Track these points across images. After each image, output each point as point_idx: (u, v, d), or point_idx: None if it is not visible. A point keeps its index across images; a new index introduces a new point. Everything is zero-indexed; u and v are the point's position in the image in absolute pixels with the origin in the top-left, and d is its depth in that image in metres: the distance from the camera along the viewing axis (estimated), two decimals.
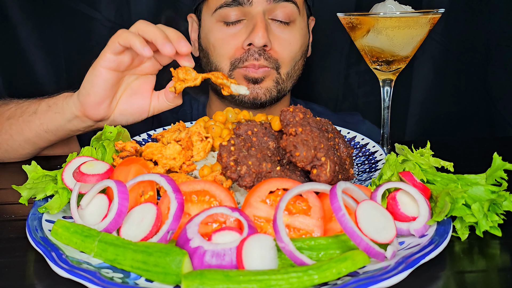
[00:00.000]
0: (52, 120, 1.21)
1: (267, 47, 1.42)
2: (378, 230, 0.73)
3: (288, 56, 1.48)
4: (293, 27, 1.48)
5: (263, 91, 1.47)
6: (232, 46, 1.45)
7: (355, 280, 0.66)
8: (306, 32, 1.57)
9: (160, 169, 0.97)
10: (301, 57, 1.54)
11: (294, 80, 1.55)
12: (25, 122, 1.23)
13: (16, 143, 1.26)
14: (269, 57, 1.44)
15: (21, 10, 1.88)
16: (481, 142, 1.50)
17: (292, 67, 1.51)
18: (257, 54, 1.42)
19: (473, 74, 2.01)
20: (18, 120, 1.25)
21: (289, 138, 0.89)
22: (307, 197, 0.80)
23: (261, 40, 1.38)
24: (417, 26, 1.09)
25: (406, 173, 0.87)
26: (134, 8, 1.94)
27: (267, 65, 1.44)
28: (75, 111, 1.18)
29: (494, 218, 0.80)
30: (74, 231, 0.78)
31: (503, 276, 0.73)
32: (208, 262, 0.70)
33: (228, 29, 1.46)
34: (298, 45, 1.50)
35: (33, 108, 1.24)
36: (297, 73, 1.56)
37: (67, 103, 1.19)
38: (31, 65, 1.94)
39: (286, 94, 1.57)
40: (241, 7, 1.42)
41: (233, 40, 1.45)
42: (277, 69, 1.47)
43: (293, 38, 1.48)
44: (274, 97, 1.50)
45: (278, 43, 1.45)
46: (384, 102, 1.20)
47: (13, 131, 1.25)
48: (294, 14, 1.47)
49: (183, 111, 1.73)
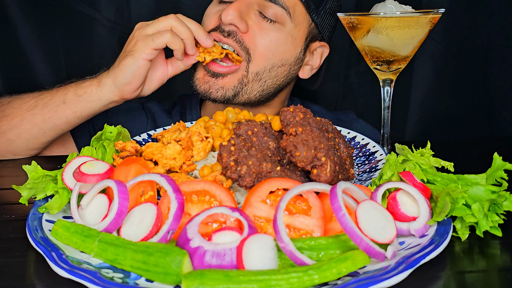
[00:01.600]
0: (87, 108, 1.28)
1: (239, 29, 1.35)
2: (378, 230, 0.73)
3: (262, 51, 1.38)
4: (279, 28, 1.40)
5: (217, 87, 1.38)
6: (212, 22, 1.40)
7: (355, 280, 0.66)
8: (298, 45, 1.45)
9: (160, 169, 0.97)
10: (282, 65, 1.43)
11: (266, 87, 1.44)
12: (52, 112, 1.29)
13: (41, 131, 1.32)
14: (241, 42, 1.36)
15: (21, 10, 1.88)
16: (481, 142, 1.50)
17: (266, 69, 1.40)
18: (226, 32, 1.35)
19: (473, 74, 2.01)
20: (43, 110, 1.30)
21: (289, 138, 0.89)
22: (307, 197, 0.80)
23: (228, 16, 1.32)
24: (417, 26, 1.09)
25: (406, 173, 0.87)
26: (134, 8, 1.94)
27: (237, 49, 1.35)
28: (112, 97, 1.27)
29: (495, 218, 0.80)
30: (74, 231, 0.78)
31: (503, 276, 0.73)
32: (208, 262, 0.70)
33: (218, 6, 1.43)
34: (279, 47, 1.40)
35: (59, 98, 1.29)
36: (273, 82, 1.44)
37: (101, 91, 1.26)
38: (31, 65, 1.94)
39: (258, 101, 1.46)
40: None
41: (215, 16, 1.41)
42: (248, 63, 1.37)
43: (276, 37, 1.39)
44: (229, 97, 1.39)
45: (259, 31, 1.37)
46: (384, 102, 1.20)
47: (37, 120, 1.30)
48: (283, 17, 1.39)
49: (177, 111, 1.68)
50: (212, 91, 1.38)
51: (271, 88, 1.46)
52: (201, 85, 1.40)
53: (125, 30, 1.94)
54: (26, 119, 1.31)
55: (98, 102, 1.27)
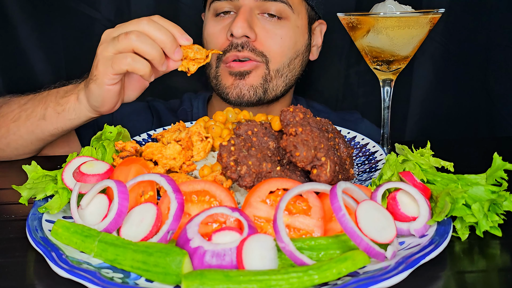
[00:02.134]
0: (67, 124, 1.23)
1: (250, 38, 1.38)
2: (378, 230, 0.73)
3: (277, 50, 1.42)
4: (285, 22, 1.44)
5: (247, 87, 1.42)
6: (220, 40, 1.43)
7: (355, 280, 0.66)
8: (304, 32, 1.52)
9: (160, 169, 0.97)
10: (296, 56, 1.49)
11: (288, 81, 1.50)
12: (34, 126, 1.25)
13: (27, 141, 1.28)
14: (254, 49, 1.39)
15: (21, 10, 1.88)
16: (481, 142, 1.50)
17: (284, 64, 1.45)
18: (240, 46, 1.38)
19: (473, 74, 2.01)
20: (26, 123, 1.26)
21: (289, 138, 0.89)
22: (307, 197, 0.80)
23: (239, 29, 1.35)
24: (417, 26, 1.09)
25: (406, 173, 0.87)
26: (134, 8, 1.94)
27: (254, 57, 1.39)
28: (90, 114, 1.20)
29: (494, 218, 0.80)
30: (74, 231, 0.78)
31: (503, 276, 0.73)
32: (208, 262, 0.70)
33: (219, 22, 1.45)
34: (291, 41, 1.45)
35: (39, 112, 1.24)
36: (293, 74, 1.50)
37: (79, 110, 1.19)
38: (31, 65, 1.94)
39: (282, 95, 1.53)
40: (231, 1, 1.42)
41: (221, 34, 1.43)
42: (267, 63, 1.42)
43: (284, 32, 1.43)
44: (261, 96, 1.44)
45: (266, 35, 1.41)
46: (384, 102, 1.20)
47: (22, 132, 1.27)
48: (286, 11, 1.43)
49: (182, 110, 1.72)
50: (245, 93, 1.42)
51: (292, 80, 1.52)
52: (232, 91, 1.42)
53: None
54: (11, 130, 1.28)
55: (77, 120, 1.21)
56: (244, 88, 1.42)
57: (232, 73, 1.42)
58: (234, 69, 1.41)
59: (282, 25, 1.44)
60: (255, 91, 1.43)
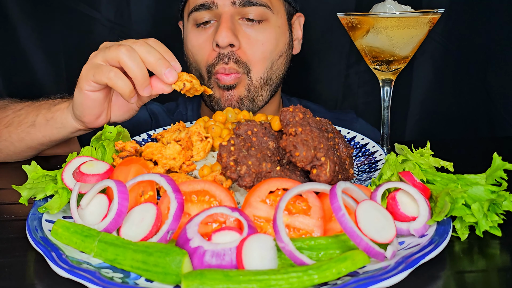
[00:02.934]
0: (54, 133, 1.22)
1: (234, 46, 1.39)
2: (378, 230, 0.73)
3: (259, 56, 1.43)
4: (266, 25, 1.43)
5: (236, 99, 1.43)
6: (206, 51, 1.43)
7: (355, 280, 0.66)
8: (285, 30, 1.51)
9: (160, 169, 0.97)
10: (279, 57, 1.48)
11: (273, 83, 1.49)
12: (25, 133, 1.24)
13: (18, 149, 1.28)
14: (239, 61, 1.40)
15: (21, 10, 1.88)
16: (481, 142, 1.50)
17: (268, 68, 1.45)
18: (226, 57, 1.39)
19: (473, 74, 2.01)
20: (17, 129, 1.25)
21: (289, 138, 0.89)
22: (307, 197, 0.80)
23: (225, 39, 1.35)
24: (417, 26, 1.09)
25: (406, 173, 0.87)
26: (134, 8, 1.94)
27: (237, 69, 1.40)
28: (76, 126, 1.19)
29: (494, 218, 0.80)
30: (74, 231, 0.78)
31: (503, 276, 0.73)
32: (208, 262, 0.70)
33: (201, 33, 1.44)
34: (272, 44, 1.45)
35: (30, 119, 1.24)
36: (277, 75, 1.50)
37: (66, 119, 1.19)
38: (31, 65, 1.94)
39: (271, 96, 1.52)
40: (210, 10, 1.41)
41: (206, 45, 1.43)
42: (248, 73, 1.42)
43: (265, 37, 1.43)
44: (249, 106, 1.45)
45: (248, 42, 1.41)
46: (384, 102, 1.20)
47: (13, 139, 1.26)
48: (266, 14, 1.42)
49: (179, 113, 1.72)
50: (234, 105, 1.43)
51: (277, 81, 1.51)
52: (224, 103, 1.44)
53: (125, 30, 1.94)
54: (3, 136, 1.27)
55: (64, 130, 1.20)
56: (234, 100, 1.43)
57: (219, 86, 1.43)
58: (221, 82, 1.42)
59: (263, 28, 1.43)
60: (242, 102, 1.44)
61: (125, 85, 1.03)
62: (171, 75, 1.02)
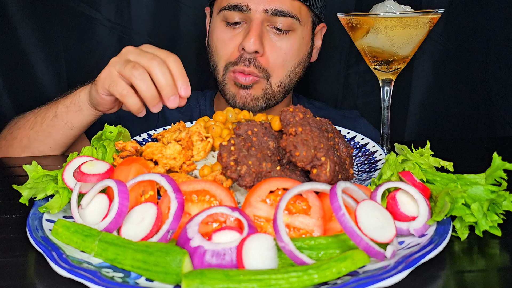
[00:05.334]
0: (75, 118, 1.29)
1: (259, 53, 1.44)
2: (378, 230, 0.73)
3: (280, 64, 1.48)
4: (292, 35, 1.49)
5: (251, 98, 1.49)
6: (230, 48, 1.49)
7: (355, 280, 0.66)
8: (308, 41, 1.57)
9: (160, 169, 0.97)
10: (298, 65, 1.54)
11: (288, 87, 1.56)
12: (50, 126, 1.32)
13: (46, 146, 1.35)
14: (259, 66, 1.46)
15: (21, 10, 1.88)
16: (481, 142, 1.51)
17: (286, 76, 1.52)
18: (247, 61, 1.45)
19: (473, 74, 2.01)
20: (42, 126, 1.33)
21: (289, 138, 0.89)
22: (307, 197, 0.80)
23: (252, 46, 1.41)
24: (417, 26, 1.09)
25: (406, 173, 0.87)
26: (134, 8, 1.94)
27: (257, 73, 1.46)
28: (91, 109, 1.27)
29: (494, 217, 0.80)
30: (75, 231, 0.78)
31: (503, 275, 0.73)
32: (208, 261, 0.70)
33: (229, 30, 1.49)
34: (294, 54, 1.51)
35: (52, 112, 1.32)
36: (294, 81, 1.57)
37: (83, 102, 1.27)
38: (31, 65, 1.94)
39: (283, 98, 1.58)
40: (242, 12, 1.46)
41: (231, 43, 1.48)
42: (267, 79, 1.48)
43: (290, 47, 1.49)
44: (262, 106, 1.51)
45: (272, 50, 1.46)
46: (384, 102, 1.20)
47: (40, 136, 1.34)
48: (294, 25, 1.47)
49: (188, 107, 1.74)
50: (249, 103, 1.50)
51: (291, 86, 1.58)
52: (238, 100, 1.50)
53: (125, 30, 1.94)
54: (32, 137, 1.35)
55: (81, 113, 1.28)
56: (249, 98, 1.50)
57: (237, 84, 1.49)
58: (238, 81, 1.48)
59: (288, 38, 1.48)
60: (257, 101, 1.50)
61: (135, 104, 1.11)
62: (173, 103, 1.08)
